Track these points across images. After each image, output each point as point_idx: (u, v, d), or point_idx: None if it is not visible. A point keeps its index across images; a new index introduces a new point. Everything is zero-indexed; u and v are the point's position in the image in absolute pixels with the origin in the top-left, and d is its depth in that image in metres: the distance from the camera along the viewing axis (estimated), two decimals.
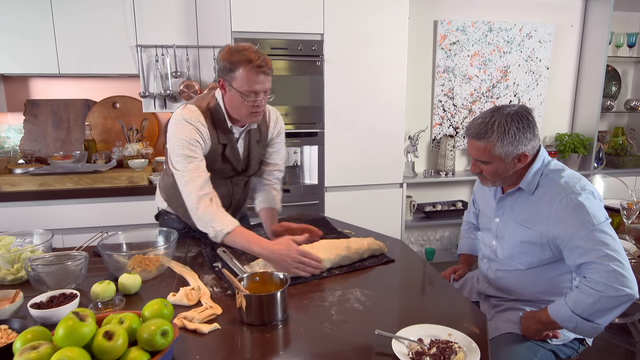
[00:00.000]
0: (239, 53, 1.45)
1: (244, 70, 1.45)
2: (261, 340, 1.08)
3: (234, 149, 1.66)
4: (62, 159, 2.83)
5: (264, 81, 1.49)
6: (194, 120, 1.53)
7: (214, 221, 1.45)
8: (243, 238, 1.44)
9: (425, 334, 1.05)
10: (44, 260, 1.33)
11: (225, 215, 1.47)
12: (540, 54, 3.65)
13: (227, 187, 1.75)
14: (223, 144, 1.62)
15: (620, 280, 1.23)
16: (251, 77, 1.46)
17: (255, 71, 1.45)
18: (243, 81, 1.46)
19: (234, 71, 1.46)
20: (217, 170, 1.63)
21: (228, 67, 1.47)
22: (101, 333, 0.86)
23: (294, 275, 1.38)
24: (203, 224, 1.47)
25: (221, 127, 1.60)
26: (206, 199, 1.47)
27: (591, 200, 1.33)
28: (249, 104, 1.50)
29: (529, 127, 1.36)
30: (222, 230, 1.43)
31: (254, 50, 1.47)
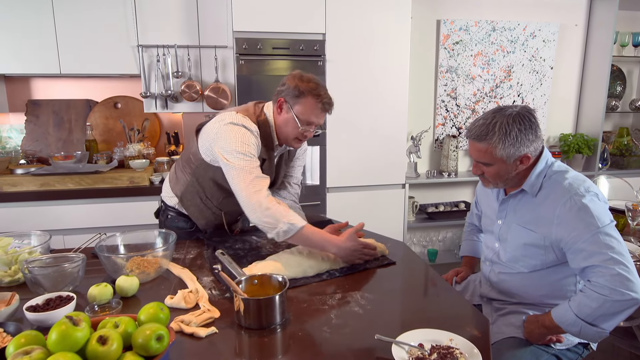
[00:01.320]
0: (311, 83, 1.55)
1: (311, 102, 1.54)
2: (259, 344, 1.06)
3: (270, 166, 1.70)
4: (63, 159, 2.83)
5: (322, 117, 1.60)
6: (252, 128, 1.56)
7: (288, 216, 1.42)
8: (317, 233, 1.47)
9: (426, 338, 1.03)
10: (41, 262, 1.32)
11: (294, 214, 1.46)
12: (545, 53, 3.62)
13: None
14: (263, 158, 1.64)
15: (625, 284, 1.21)
16: (315, 111, 1.56)
17: (321, 107, 1.56)
18: (306, 110, 1.55)
19: (300, 97, 1.54)
20: None
21: (297, 92, 1.54)
22: (95, 338, 0.84)
23: (296, 276, 1.37)
24: (275, 219, 1.41)
25: (266, 143, 1.63)
26: (272, 198, 1.47)
27: (595, 202, 1.31)
28: (300, 132, 1.58)
29: (531, 128, 1.34)
30: (297, 224, 1.41)
31: (323, 85, 1.58)
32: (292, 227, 1.40)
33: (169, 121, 3.30)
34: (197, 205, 1.74)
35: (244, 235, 1.76)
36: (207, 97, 2.90)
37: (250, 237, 1.75)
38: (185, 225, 1.81)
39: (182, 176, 1.77)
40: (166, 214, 1.85)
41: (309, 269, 1.41)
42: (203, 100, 2.93)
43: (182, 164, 1.78)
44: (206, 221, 1.79)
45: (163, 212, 1.88)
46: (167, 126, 3.29)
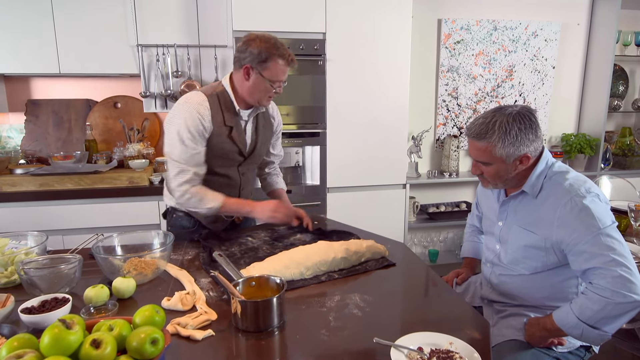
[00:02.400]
0: (275, 46, 1.60)
1: (278, 63, 1.61)
2: (256, 347, 1.05)
3: (240, 131, 1.75)
4: (62, 159, 2.82)
5: (286, 73, 1.68)
6: (198, 104, 1.64)
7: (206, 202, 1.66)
8: (233, 204, 1.70)
9: (426, 342, 1.01)
10: (37, 264, 1.31)
11: (210, 194, 1.67)
12: (546, 52, 3.60)
13: (234, 176, 1.82)
14: (229, 126, 1.71)
15: (627, 287, 1.19)
16: (283, 69, 1.63)
17: (287, 63, 1.64)
18: (275, 72, 1.62)
19: (267, 62, 1.60)
20: (224, 152, 1.72)
21: (263, 57, 1.59)
22: (88, 341, 0.83)
23: (294, 278, 1.36)
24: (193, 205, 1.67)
25: (228, 111, 1.70)
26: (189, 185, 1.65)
27: (597, 203, 1.29)
28: (270, 91, 1.66)
29: (531, 127, 1.33)
30: (213, 206, 1.66)
31: (281, 43, 1.63)
32: (211, 209, 1.67)
33: None
34: None
35: (240, 237, 1.75)
36: None
37: (246, 238, 1.74)
38: (188, 224, 1.84)
39: None
40: (172, 214, 1.88)
41: (307, 271, 1.40)
42: None
43: None
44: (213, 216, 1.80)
45: (170, 213, 1.89)
46: None
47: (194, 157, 1.64)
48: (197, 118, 1.62)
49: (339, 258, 1.46)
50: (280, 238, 1.75)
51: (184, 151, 1.62)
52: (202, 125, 1.63)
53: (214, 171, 1.74)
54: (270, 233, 1.81)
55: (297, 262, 1.39)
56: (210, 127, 1.65)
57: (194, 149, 1.63)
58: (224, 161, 1.75)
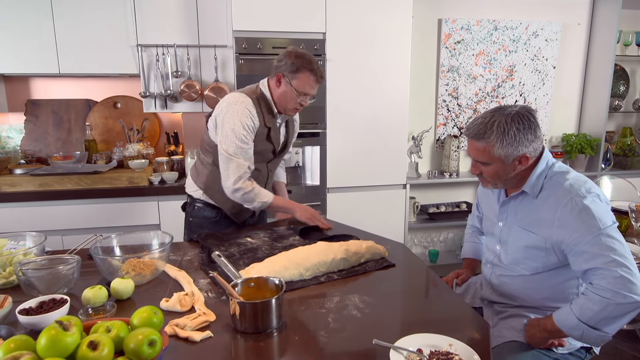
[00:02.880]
0: (305, 59, 1.75)
1: (308, 76, 1.75)
2: (255, 348, 1.04)
3: (276, 132, 1.91)
4: (62, 159, 2.82)
5: (316, 88, 1.82)
6: (250, 105, 1.77)
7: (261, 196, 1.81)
8: (280, 203, 1.90)
9: (425, 344, 1.01)
10: (35, 264, 1.30)
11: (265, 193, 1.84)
12: (547, 52, 3.59)
13: (264, 170, 1.96)
14: (268, 127, 1.85)
15: (628, 287, 1.19)
16: (311, 84, 1.77)
17: (316, 80, 1.78)
18: (303, 84, 1.76)
19: (297, 72, 1.75)
20: (261, 150, 1.87)
21: (294, 68, 1.74)
22: (85, 343, 0.82)
23: (293, 279, 1.36)
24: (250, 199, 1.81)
25: (268, 113, 1.85)
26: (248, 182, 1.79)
27: (597, 203, 1.29)
28: (298, 102, 1.80)
29: (530, 128, 1.32)
30: (267, 201, 1.82)
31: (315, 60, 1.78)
32: (265, 204, 1.82)
33: (169, 121, 3.28)
34: (221, 191, 1.86)
35: (239, 238, 1.74)
36: (206, 96, 2.88)
37: (245, 239, 1.73)
38: (211, 214, 1.96)
39: (202, 167, 1.97)
40: (193, 206, 1.99)
41: (306, 272, 1.39)
42: (203, 100, 2.91)
43: (201, 156, 1.99)
44: (232, 204, 1.91)
45: (190, 205, 2.01)
46: (167, 126, 3.28)
47: (248, 153, 1.79)
48: (249, 116, 1.76)
49: (339, 259, 1.45)
50: (280, 239, 1.74)
51: (240, 147, 1.75)
52: (252, 123, 1.78)
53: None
54: (270, 234, 1.81)
55: (297, 263, 1.39)
56: (257, 126, 1.81)
57: (247, 144, 1.77)
58: (258, 157, 1.87)
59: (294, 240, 1.72)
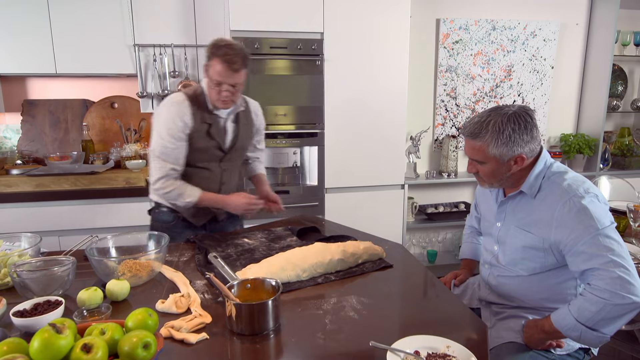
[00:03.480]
0: (218, 46, 1.66)
1: (217, 62, 1.65)
2: (251, 350, 1.04)
3: (219, 129, 1.82)
4: (59, 159, 2.80)
5: (231, 76, 1.67)
6: (178, 103, 1.74)
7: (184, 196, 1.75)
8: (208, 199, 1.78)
9: (423, 345, 1.00)
10: (30, 266, 1.29)
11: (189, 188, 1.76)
12: (545, 52, 3.59)
13: (216, 170, 1.88)
14: (208, 123, 1.79)
15: (626, 288, 1.18)
16: (220, 70, 1.66)
17: (226, 66, 1.65)
18: (214, 71, 1.67)
19: (210, 60, 1.68)
20: (204, 147, 1.80)
21: (208, 55, 1.69)
22: (79, 345, 0.82)
23: (290, 280, 1.35)
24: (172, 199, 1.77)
25: (206, 110, 1.78)
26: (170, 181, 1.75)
27: (595, 203, 1.28)
28: (216, 92, 1.71)
29: (526, 128, 1.32)
30: (191, 200, 1.75)
31: (233, 47, 1.66)
32: (189, 203, 1.76)
33: None
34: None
35: (236, 239, 1.73)
36: None
37: (243, 239, 1.73)
38: (168, 218, 1.90)
39: None
40: (155, 210, 1.94)
41: (303, 273, 1.39)
42: None
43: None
44: (193, 209, 1.86)
45: (153, 209, 1.95)
46: None
47: (173, 153, 1.73)
48: (177, 116, 1.72)
49: (336, 260, 1.44)
50: (277, 239, 1.73)
51: (165, 147, 1.72)
52: (181, 123, 1.72)
53: (195, 165, 1.83)
54: (267, 234, 1.80)
55: (294, 264, 1.38)
56: (190, 125, 1.75)
57: (172, 144, 1.72)
58: (205, 155, 1.82)
59: (291, 241, 1.71)
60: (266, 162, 2.88)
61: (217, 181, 1.89)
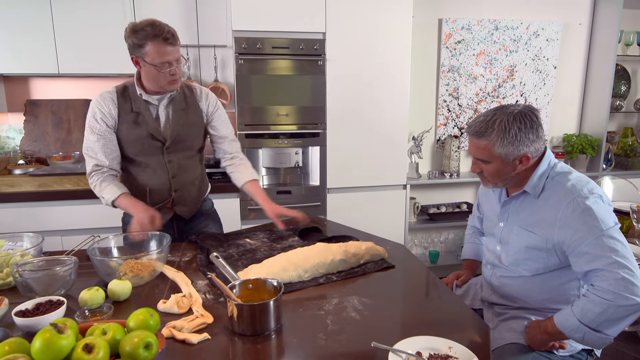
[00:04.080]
0: (144, 30, 1.57)
1: (153, 45, 1.57)
2: (253, 351, 1.03)
3: (148, 116, 1.74)
4: (61, 159, 2.81)
5: (173, 51, 1.61)
6: (101, 95, 1.70)
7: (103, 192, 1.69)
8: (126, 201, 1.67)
9: (424, 346, 1.00)
10: (32, 266, 1.30)
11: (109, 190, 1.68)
12: (548, 52, 3.58)
13: (161, 163, 1.79)
14: (136, 112, 1.72)
15: (630, 289, 1.18)
16: (161, 50, 1.58)
17: (164, 43, 1.58)
18: (155, 55, 1.59)
19: (143, 47, 1.59)
20: (137, 138, 1.73)
21: (137, 44, 1.59)
22: (81, 346, 0.81)
23: (292, 280, 1.35)
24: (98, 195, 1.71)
25: (135, 99, 1.72)
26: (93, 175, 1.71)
27: (599, 204, 1.28)
28: (165, 74, 1.63)
29: (532, 127, 1.31)
30: (107, 199, 1.68)
31: (157, 23, 1.59)
32: (107, 202, 1.69)
33: None
34: (134, 194, 1.75)
35: (238, 239, 1.73)
36: None
37: (245, 240, 1.73)
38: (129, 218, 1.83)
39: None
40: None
41: (305, 273, 1.39)
42: None
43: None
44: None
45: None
46: None
47: (94, 147, 1.69)
48: (97, 109, 1.68)
49: (338, 260, 1.44)
50: (279, 240, 1.73)
51: (87, 141, 1.70)
52: (102, 114, 1.68)
53: (135, 160, 1.77)
54: (269, 235, 1.80)
55: (295, 264, 1.38)
56: (115, 116, 1.70)
57: (96, 138, 1.69)
58: (141, 147, 1.75)
59: (292, 241, 1.71)
60: (268, 163, 2.89)
61: (164, 175, 1.79)
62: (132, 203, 1.67)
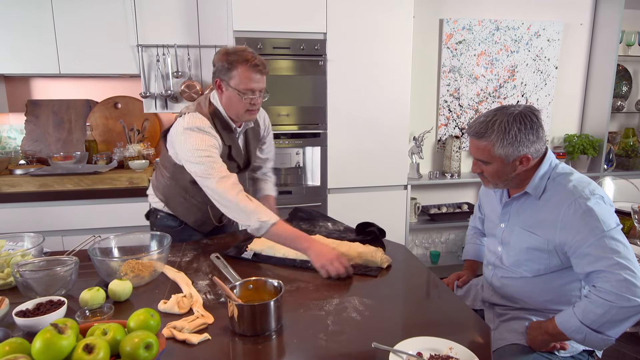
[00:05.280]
0: (236, 54, 1.56)
1: (242, 70, 1.55)
2: (253, 351, 1.03)
3: (237, 148, 1.74)
4: (62, 159, 2.81)
5: (260, 80, 1.59)
6: (208, 128, 1.59)
7: (259, 213, 1.48)
8: (289, 230, 1.50)
9: (425, 347, 0.99)
10: (32, 266, 1.29)
11: (266, 209, 1.52)
12: (549, 53, 3.57)
13: None
14: (228, 145, 1.69)
15: (631, 290, 1.17)
16: (249, 76, 1.55)
17: (253, 70, 1.55)
18: (241, 80, 1.56)
19: (231, 70, 1.56)
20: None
21: (226, 67, 1.56)
22: (81, 346, 0.81)
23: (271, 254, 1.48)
24: (246, 216, 1.48)
25: (225, 129, 1.67)
26: (243, 194, 1.52)
27: (601, 205, 1.27)
28: (246, 102, 1.59)
29: (532, 128, 1.31)
30: (268, 221, 1.47)
31: (250, 51, 1.59)
32: (264, 225, 1.47)
33: (169, 121, 3.24)
34: (182, 204, 1.79)
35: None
36: None
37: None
38: (174, 224, 1.85)
39: (162, 180, 1.83)
40: (155, 215, 1.90)
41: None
42: None
43: (160, 169, 1.85)
44: (195, 218, 1.84)
45: (153, 214, 1.92)
46: (167, 126, 3.26)
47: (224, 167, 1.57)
48: (214, 139, 1.59)
49: None
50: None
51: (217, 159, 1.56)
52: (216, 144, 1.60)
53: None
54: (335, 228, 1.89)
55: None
56: (220, 146, 1.63)
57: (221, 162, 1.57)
58: None
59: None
60: None
61: None
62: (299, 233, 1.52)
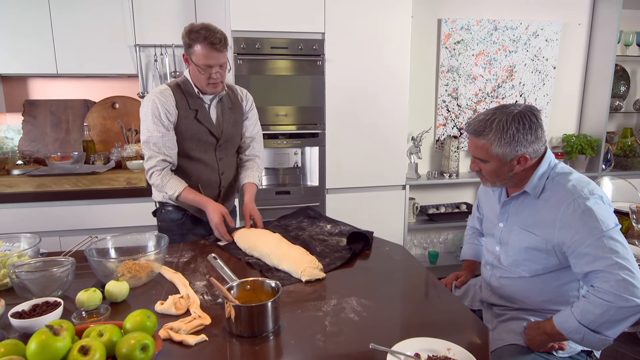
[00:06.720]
0: (196, 32, 1.66)
1: (200, 47, 1.66)
2: (250, 353, 1.03)
3: (205, 113, 1.83)
4: (60, 160, 2.80)
5: (217, 57, 1.68)
6: (165, 91, 1.76)
7: (166, 188, 1.75)
8: (189, 198, 1.76)
9: (423, 348, 0.99)
10: (29, 267, 1.29)
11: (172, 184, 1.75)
12: (547, 53, 3.58)
13: (213, 160, 1.89)
14: (194, 109, 1.80)
15: (630, 290, 1.17)
16: (205, 53, 1.67)
17: (210, 47, 1.66)
18: (198, 57, 1.68)
19: (192, 47, 1.68)
20: (195, 134, 1.81)
21: (187, 43, 1.69)
22: (77, 348, 0.81)
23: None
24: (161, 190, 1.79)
25: (191, 96, 1.80)
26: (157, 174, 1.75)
27: (600, 205, 1.27)
28: (205, 76, 1.72)
29: (530, 129, 1.31)
30: (172, 194, 1.74)
31: (211, 28, 1.67)
32: (171, 197, 1.76)
33: None
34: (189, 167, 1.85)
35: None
36: None
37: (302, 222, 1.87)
38: (177, 217, 1.91)
39: None
40: (161, 210, 1.95)
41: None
42: None
43: None
44: (207, 177, 1.89)
45: (159, 210, 1.96)
46: None
47: (160, 141, 1.74)
48: (160, 105, 1.72)
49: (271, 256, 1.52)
50: (295, 230, 1.82)
51: (152, 137, 1.74)
52: (165, 110, 1.73)
53: (191, 156, 1.84)
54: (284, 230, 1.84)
55: (255, 241, 1.60)
56: (174, 112, 1.76)
57: (159, 132, 1.73)
58: (199, 144, 1.83)
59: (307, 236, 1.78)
60: (267, 163, 2.88)
61: (215, 171, 1.90)
62: (199, 196, 1.78)
